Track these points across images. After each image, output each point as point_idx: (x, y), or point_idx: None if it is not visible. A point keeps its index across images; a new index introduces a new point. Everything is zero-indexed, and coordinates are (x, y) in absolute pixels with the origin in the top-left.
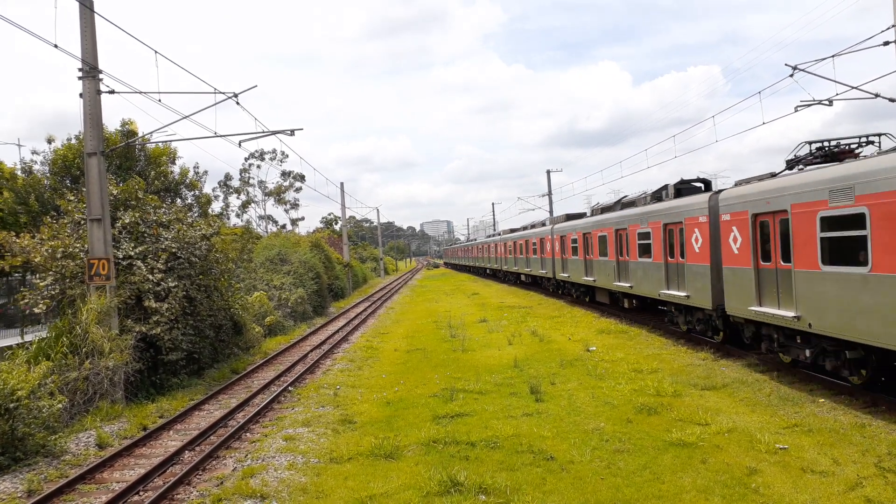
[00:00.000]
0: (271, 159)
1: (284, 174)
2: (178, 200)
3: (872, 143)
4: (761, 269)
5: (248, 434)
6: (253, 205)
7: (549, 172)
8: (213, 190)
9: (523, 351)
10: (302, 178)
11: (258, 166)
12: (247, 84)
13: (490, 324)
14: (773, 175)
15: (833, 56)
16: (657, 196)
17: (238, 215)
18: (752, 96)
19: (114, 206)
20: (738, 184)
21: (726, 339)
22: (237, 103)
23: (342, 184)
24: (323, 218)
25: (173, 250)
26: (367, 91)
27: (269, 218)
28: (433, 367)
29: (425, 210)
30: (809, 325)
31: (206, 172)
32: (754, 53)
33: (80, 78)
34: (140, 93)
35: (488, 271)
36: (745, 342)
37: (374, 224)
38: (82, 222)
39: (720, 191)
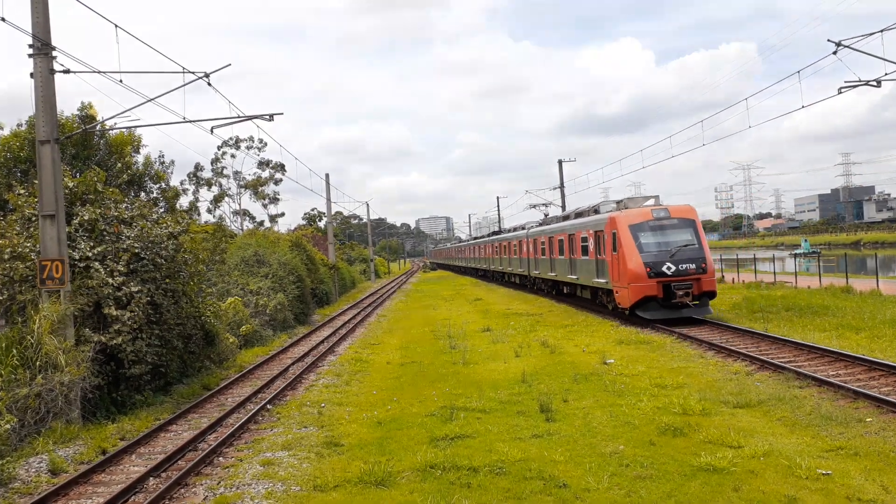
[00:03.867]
0: (248, 148)
1: (262, 164)
2: (143, 194)
3: None
4: None
5: (221, 458)
6: (227, 199)
7: (560, 162)
8: (182, 182)
9: (532, 364)
10: (282, 168)
11: (233, 155)
12: (220, 62)
13: (495, 333)
14: None
15: (882, 31)
16: None
17: (210, 210)
18: (790, 76)
19: (69, 201)
20: None
21: None
22: (209, 84)
23: (327, 175)
24: (305, 214)
25: (136, 250)
26: (358, 71)
27: (245, 213)
28: (430, 382)
29: (422, 205)
30: None
31: (172, 162)
32: (793, 28)
33: (30, 55)
34: (99, 72)
35: (514, 279)
36: None
37: (364, 220)
38: (33, 219)
39: None
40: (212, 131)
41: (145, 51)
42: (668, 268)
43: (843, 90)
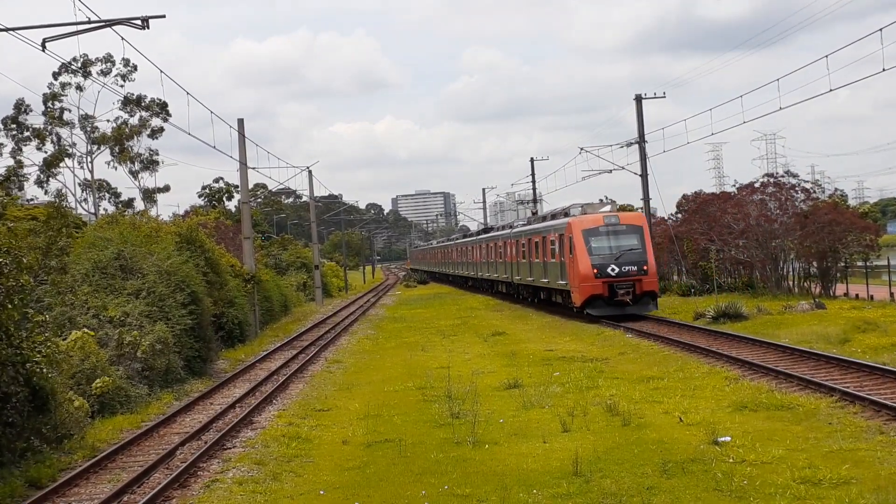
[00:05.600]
0: (104, 73)
1: (130, 103)
2: None
3: None
4: None
5: None
6: (69, 161)
7: (639, 100)
8: None
9: (592, 444)
10: (164, 110)
11: (80, 88)
12: None
13: (528, 392)
14: None
15: None
16: None
17: (41, 181)
18: None
19: None
20: None
21: None
22: None
23: (241, 122)
24: (205, 188)
25: None
26: None
27: (102, 187)
28: (417, 475)
29: (404, 174)
30: None
31: None
32: None
33: None
34: None
35: (501, 288)
36: None
37: (305, 199)
38: None
39: None
40: (43, 47)
41: None
42: (613, 269)
43: None
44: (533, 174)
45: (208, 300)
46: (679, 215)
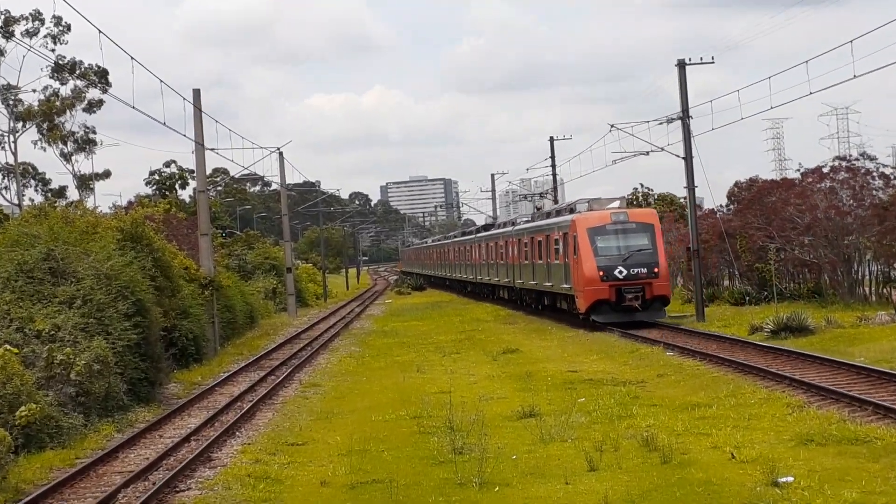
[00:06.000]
0: (30, 34)
1: (61, 69)
2: None
3: None
4: None
5: None
6: None
7: (682, 66)
8: None
9: (624, 486)
10: (102, 77)
11: (0, 52)
12: None
13: (546, 422)
14: None
15: None
16: None
17: None
18: None
19: None
20: None
21: None
22: None
23: (197, 93)
24: (153, 174)
25: None
26: None
27: (28, 172)
28: None
29: (396, 154)
30: None
31: None
32: None
33: None
34: None
35: (502, 293)
36: None
37: (275, 188)
38: None
39: None
40: None
41: None
42: (620, 271)
43: None
44: (553, 157)
45: (157, 310)
46: (731, 207)
